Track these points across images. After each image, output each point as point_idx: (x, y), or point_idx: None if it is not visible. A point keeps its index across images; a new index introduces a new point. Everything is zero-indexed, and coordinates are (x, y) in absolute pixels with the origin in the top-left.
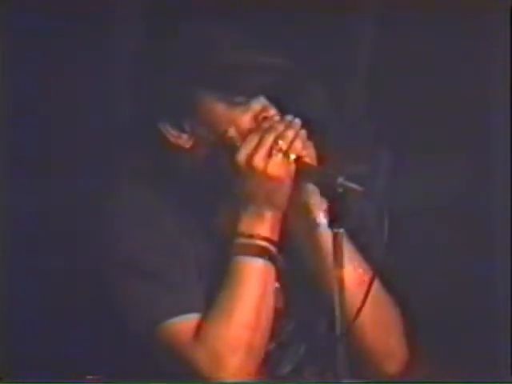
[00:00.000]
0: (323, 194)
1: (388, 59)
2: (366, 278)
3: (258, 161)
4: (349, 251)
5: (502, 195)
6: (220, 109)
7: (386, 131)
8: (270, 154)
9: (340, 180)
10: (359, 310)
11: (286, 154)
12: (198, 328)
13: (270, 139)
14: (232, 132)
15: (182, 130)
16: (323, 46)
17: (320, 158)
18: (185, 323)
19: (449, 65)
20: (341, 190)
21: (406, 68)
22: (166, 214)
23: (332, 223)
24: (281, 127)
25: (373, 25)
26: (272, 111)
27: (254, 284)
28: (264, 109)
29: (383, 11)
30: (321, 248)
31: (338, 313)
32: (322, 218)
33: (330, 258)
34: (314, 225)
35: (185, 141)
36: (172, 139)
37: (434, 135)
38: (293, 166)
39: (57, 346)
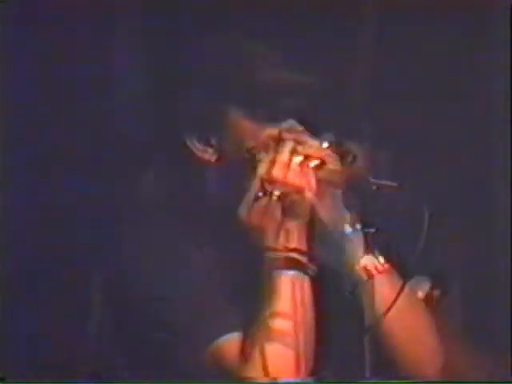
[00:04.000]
0: (354, 195)
1: (387, 59)
2: (398, 280)
3: (277, 172)
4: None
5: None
6: (247, 125)
7: (385, 131)
8: (288, 164)
9: (371, 178)
10: (386, 312)
11: (304, 162)
12: (243, 346)
13: (288, 148)
14: (255, 148)
15: (208, 145)
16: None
17: (342, 161)
18: (229, 343)
19: (449, 65)
20: (374, 187)
21: (405, 68)
22: (190, 238)
23: (363, 223)
24: (298, 136)
25: (372, 25)
26: (299, 129)
27: (289, 297)
28: (292, 128)
29: (383, 11)
30: (352, 251)
31: (365, 315)
32: (352, 221)
33: (361, 261)
34: (345, 228)
35: (210, 155)
36: (198, 153)
37: (433, 135)
38: (313, 174)
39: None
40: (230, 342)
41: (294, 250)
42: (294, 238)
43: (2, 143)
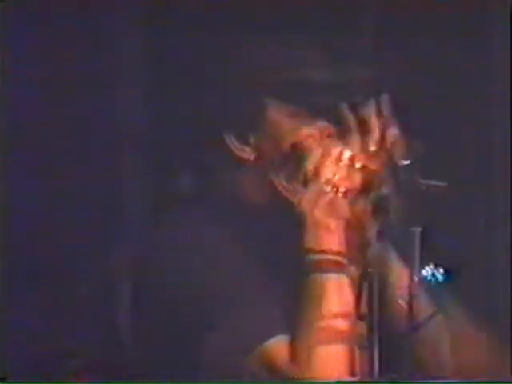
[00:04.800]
0: (402, 195)
1: (387, 59)
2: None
3: (324, 172)
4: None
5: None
6: (287, 123)
7: None
8: (336, 164)
9: (420, 179)
10: (430, 317)
11: (351, 163)
12: (291, 349)
13: (335, 149)
14: (297, 146)
15: (247, 143)
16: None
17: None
18: (277, 346)
19: (449, 65)
20: (423, 187)
21: (405, 68)
22: (229, 239)
23: (409, 222)
24: (346, 136)
25: (372, 25)
26: (345, 125)
27: (333, 300)
28: (331, 126)
29: (383, 11)
30: (395, 252)
31: (408, 316)
32: (395, 221)
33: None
34: (388, 228)
35: (248, 154)
36: (236, 152)
37: (433, 134)
38: (359, 175)
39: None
40: (278, 344)
41: (337, 252)
42: (335, 239)
43: (2, 143)
